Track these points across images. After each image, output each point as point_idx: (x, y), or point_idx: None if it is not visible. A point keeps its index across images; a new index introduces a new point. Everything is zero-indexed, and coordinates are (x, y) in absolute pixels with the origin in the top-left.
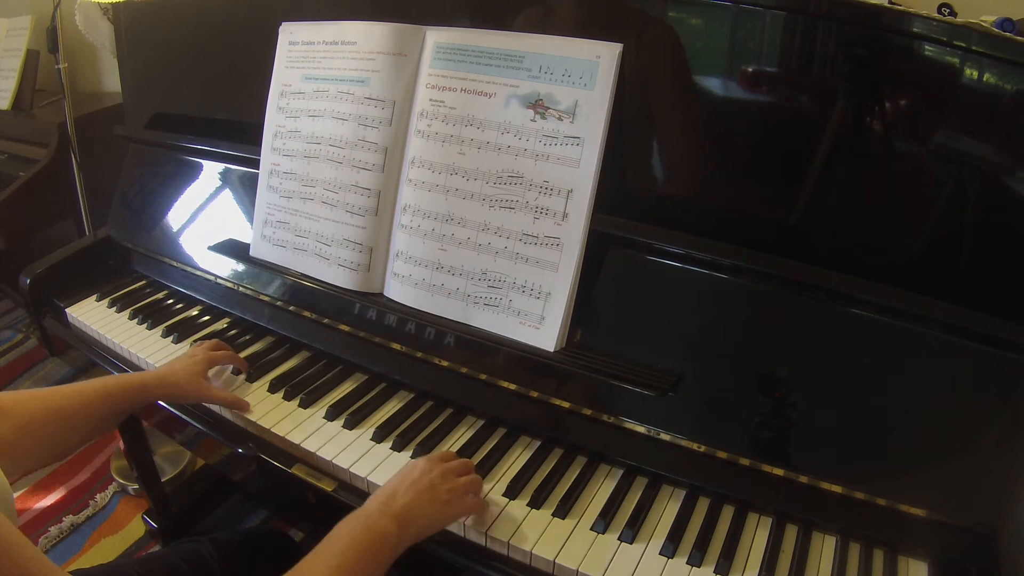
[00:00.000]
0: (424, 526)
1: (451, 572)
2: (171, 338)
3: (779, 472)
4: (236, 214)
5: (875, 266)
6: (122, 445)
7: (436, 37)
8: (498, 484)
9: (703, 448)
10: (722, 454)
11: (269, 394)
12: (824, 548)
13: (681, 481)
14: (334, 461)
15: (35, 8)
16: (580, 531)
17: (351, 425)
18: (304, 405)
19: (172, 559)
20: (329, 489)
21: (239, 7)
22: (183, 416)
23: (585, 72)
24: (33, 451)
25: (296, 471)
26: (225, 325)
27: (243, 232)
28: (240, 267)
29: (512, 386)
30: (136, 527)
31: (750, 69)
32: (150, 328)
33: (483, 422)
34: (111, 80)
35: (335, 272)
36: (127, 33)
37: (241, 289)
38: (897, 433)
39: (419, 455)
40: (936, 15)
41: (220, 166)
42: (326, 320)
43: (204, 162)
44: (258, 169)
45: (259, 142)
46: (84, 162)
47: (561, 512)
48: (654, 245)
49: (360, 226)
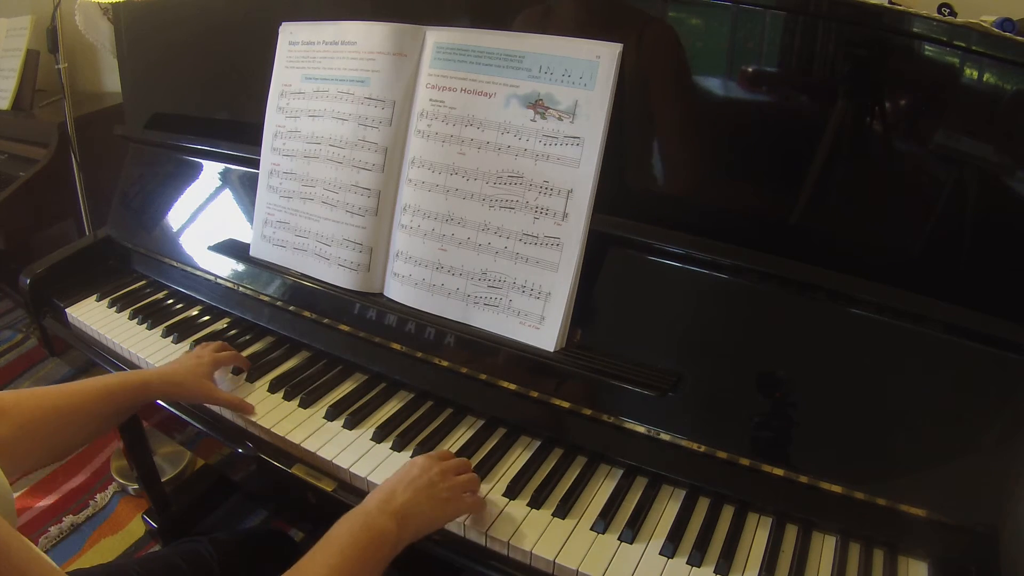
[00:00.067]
0: (423, 524)
1: (451, 572)
2: (171, 338)
3: (779, 472)
4: (236, 214)
5: (875, 266)
6: (122, 445)
7: (436, 37)
8: (498, 484)
9: (703, 448)
10: (722, 454)
11: (269, 394)
12: (824, 548)
13: (681, 481)
14: (334, 461)
15: (35, 8)
16: (580, 531)
17: (351, 425)
18: (304, 405)
19: (172, 559)
20: (329, 489)
21: (239, 7)
22: (183, 416)
23: (585, 72)
24: (33, 450)
25: (296, 471)
26: (225, 325)
27: (243, 232)
28: (240, 267)
29: (512, 386)
30: (136, 527)
31: (750, 69)
32: (150, 328)
33: (483, 422)
34: (111, 80)
35: (335, 272)
36: (127, 33)
37: (241, 289)
38: (897, 433)
39: (419, 455)
40: (936, 15)
41: (220, 166)
42: (326, 320)
43: (204, 162)
44: (258, 169)
45: (259, 142)
46: (84, 162)
47: (561, 512)
48: (654, 245)
49: (360, 226)
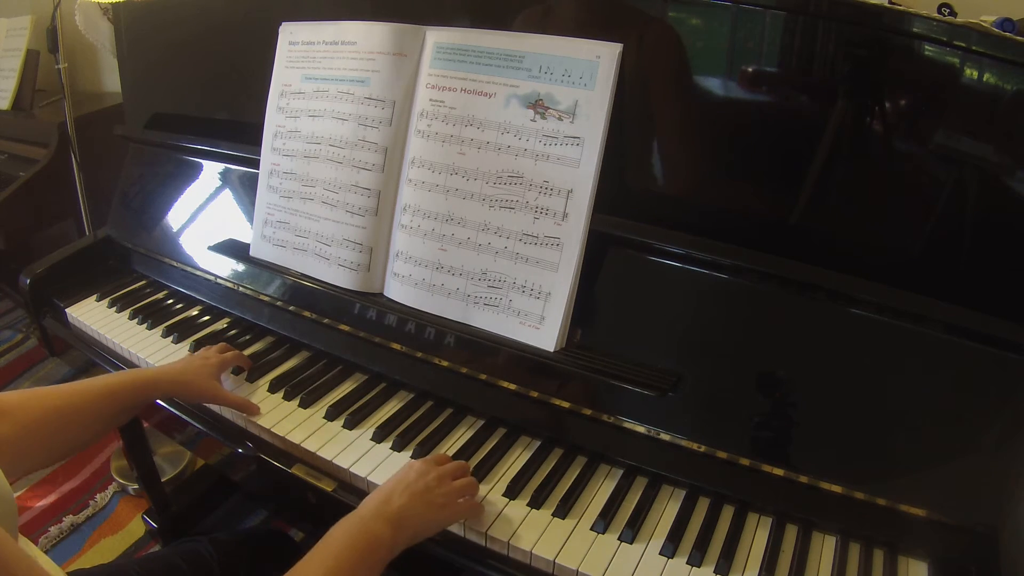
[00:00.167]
0: (419, 529)
1: (451, 572)
2: (171, 338)
3: (779, 472)
4: (236, 214)
5: (875, 266)
6: (122, 445)
7: (436, 37)
8: (498, 484)
9: (703, 448)
10: (722, 454)
11: (269, 394)
12: (824, 548)
13: (681, 481)
14: (334, 461)
15: (35, 8)
16: (580, 531)
17: (351, 425)
18: (304, 405)
19: (172, 559)
20: (329, 489)
21: (239, 7)
22: (183, 416)
23: (585, 72)
24: (37, 451)
25: (296, 471)
26: (225, 325)
27: (243, 232)
28: (240, 267)
29: (512, 386)
30: (136, 527)
31: (750, 69)
32: (150, 328)
33: (483, 422)
34: (111, 80)
35: (335, 272)
36: (127, 33)
37: (241, 289)
38: (897, 433)
39: (419, 455)
40: (936, 15)
41: (220, 166)
42: (326, 320)
43: (204, 162)
44: (258, 169)
45: (259, 142)
46: (84, 162)
47: (561, 512)
48: (654, 245)
49: (360, 226)
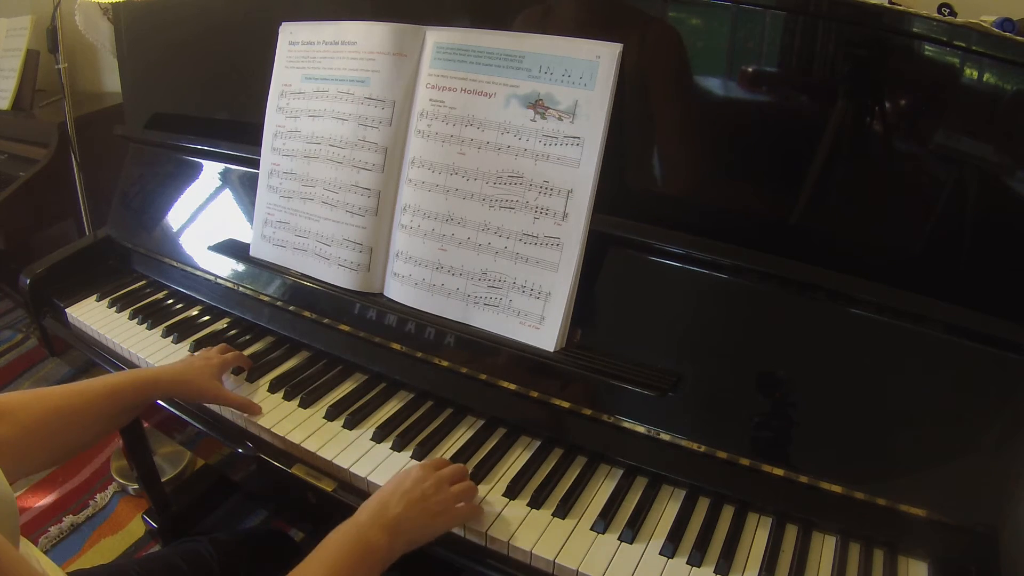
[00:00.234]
0: (415, 536)
1: (451, 572)
2: (171, 338)
3: (779, 472)
4: (236, 214)
5: (875, 266)
6: (122, 445)
7: (436, 37)
8: (498, 484)
9: (703, 448)
10: (722, 454)
11: (269, 394)
12: (824, 548)
13: (681, 481)
14: (334, 461)
15: (35, 8)
16: (580, 531)
17: (351, 425)
18: (304, 405)
19: (172, 559)
20: (329, 489)
21: (239, 7)
22: (183, 416)
23: (585, 72)
24: (38, 452)
25: (296, 471)
26: (225, 325)
27: (243, 232)
28: (240, 267)
29: (512, 386)
30: (136, 527)
31: (750, 69)
32: (150, 328)
33: (483, 422)
34: (111, 80)
35: (335, 272)
36: (127, 33)
37: (241, 289)
38: (897, 433)
39: (419, 455)
40: (936, 15)
41: (220, 166)
42: (326, 320)
43: (204, 162)
44: (258, 169)
45: (259, 142)
46: (84, 162)
47: (561, 512)
48: (654, 245)
49: (360, 226)
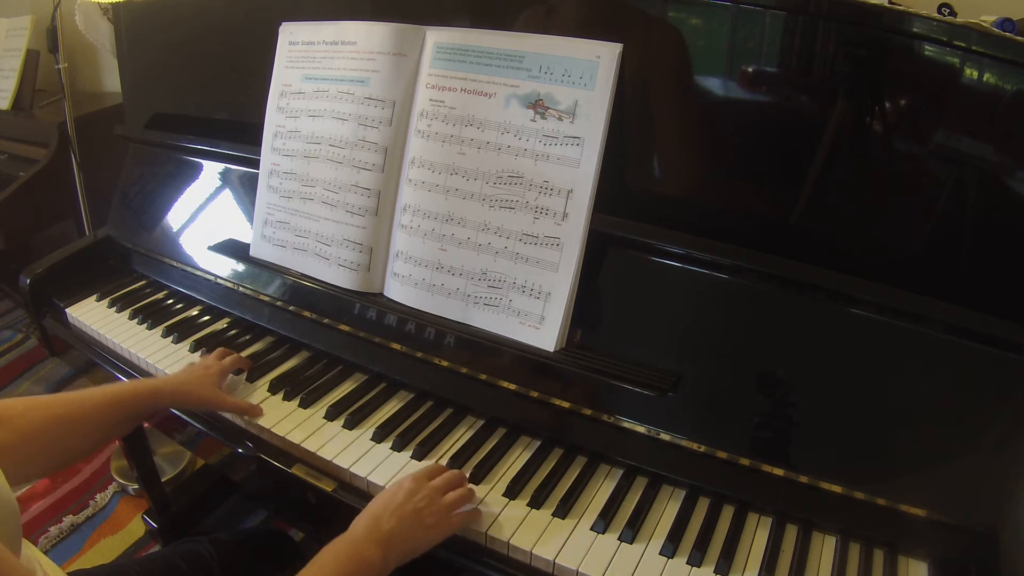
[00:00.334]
0: (409, 550)
1: (451, 572)
2: (171, 338)
3: (779, 472)
4: (236, 214)
5: (875, 266)
6: (122, 445)
7: (436, 37)
8: (498, 484)
9: (703, 448)
10: (722, 454)
11: (269, 394)
12: (824, 548)
13: (681, 481)
14: (334, 461)
15: (35, 8)
16: (580, 531)
17: (351, 425)
18: (304, 405)
19: (172, 559)
20: (329, 489)
21: (239, 7)
22: (183, 416)
23: (585, 72)
24: (38, 458)
25: (296, 471)
26: (225, 325)
27: (243, 232)
28: (240, 267)
29: (512, 386)
30: (136, 527)
31: (750, 69)
32: (150, 328)
33: (483, 422)
34: (111, 80)
35: (335, 272)
36: (127, 33)
37: (241, 289)
38: (897, 433)
39: (419, 455)
40: (936, 15)
41: (220, 166)
42: (326, 320)
43: (204, 162)
44: (258, 169)
45: (259, 142)
46: (84, 162)
47: (561, 512)
48: (654, 245)
49: (360, 226)
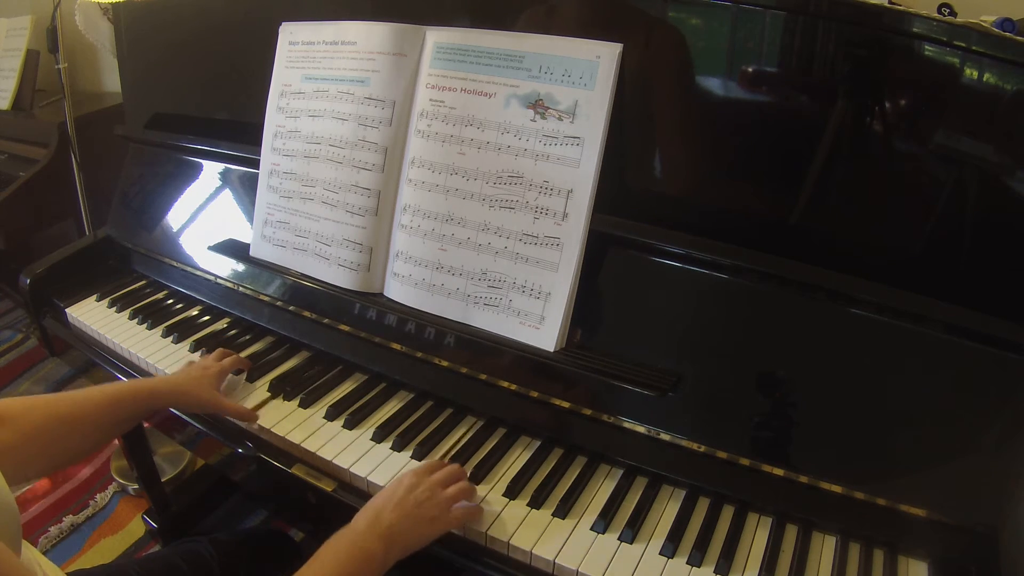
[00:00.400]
0: (411, 543)
1: (451, 572)
2: (171, 338)
3: (779, 472)
4: (236, 214)
5: (875, 266)
6: (122, 445)
7: (436, 37)
8: (498, 484)
9: (703, 448)
10: (722, 454)
11: (269, 394)
12: (824, 548)
13: (681, 481)
14: (334, 461)
15: (35, 8)
16: (580, 531)
17: (351, 425)
18: (304, 405)
19: (172, 559)
20: (329, 489)
21: (239, 7)
22: (183, 416)
23: (585, 72)
24: (37, 458)
25: (296, 471)
26: (225, 325)
27: (243, 232)
28: (240, 267)
29: (512, 386)
30: (136, 527)
31: (750, 69)
32: (150, 328)
33: (483, 422)
34: (111, 80)
35: (335, 272)
36: (127, 33)
37: (241, 289)
38: (897, 433)
39: (419, 455)
40: (936, 15)
41: (220, 166)
42: (326, 320)
43: (204, 162)
44: (258, 169)
45: (259, 142)
46: (84, 162)
47: (561, 512)
48: (654, 245)
49: (360, 226)
